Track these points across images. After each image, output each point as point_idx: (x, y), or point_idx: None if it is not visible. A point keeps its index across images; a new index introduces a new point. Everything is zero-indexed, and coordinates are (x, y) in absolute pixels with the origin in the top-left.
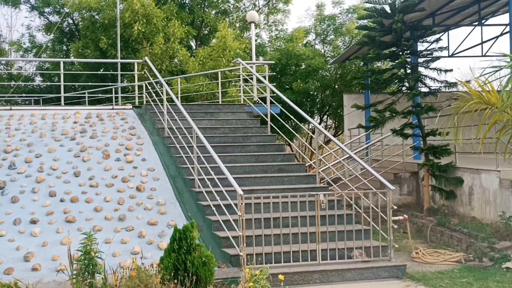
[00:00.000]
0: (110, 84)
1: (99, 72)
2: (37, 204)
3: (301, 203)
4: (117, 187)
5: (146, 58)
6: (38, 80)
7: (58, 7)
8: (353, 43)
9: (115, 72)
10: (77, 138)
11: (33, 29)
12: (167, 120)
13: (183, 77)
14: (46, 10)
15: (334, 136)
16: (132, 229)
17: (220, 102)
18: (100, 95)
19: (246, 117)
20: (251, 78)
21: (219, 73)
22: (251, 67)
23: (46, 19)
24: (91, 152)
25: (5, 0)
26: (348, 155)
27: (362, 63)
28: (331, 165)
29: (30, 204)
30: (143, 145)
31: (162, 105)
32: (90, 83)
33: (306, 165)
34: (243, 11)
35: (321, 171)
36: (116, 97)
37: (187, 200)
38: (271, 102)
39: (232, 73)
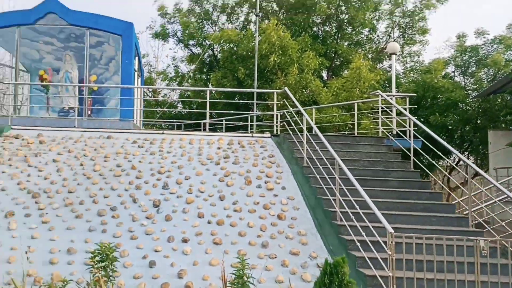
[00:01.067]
0: (246, 112)
1: (237, 101)
2: (188, 224)
3: (457, 247)
4: (259, 214)
5: (286, 88)
6: (180, 106)
7: (201, 39)
8: (500, 76)
9: (250, 101)
10: (221, 163)
11: (178, 60)
12: (306, 149)
13: (317, 108)
14: (190, 42)
15: (476, 175)
16: (275, 257)
17: (356, 134)
18: (235, 122)
19: (385, 150)
20: (391, 110)
21: (355, 104)
22: (391, 98)
23: (189, 51)
24: (234, 178)
25: (156, 35)
26: (505, 195)
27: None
28: (485, 206)
29: (182, 223)
30: (282, 174)
31: (301, 134)
32: (226, 111)
33: (453, 202)
34: (376, 42)
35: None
36: (251, 125)
37: (328, 232)
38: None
39: (371, 104)
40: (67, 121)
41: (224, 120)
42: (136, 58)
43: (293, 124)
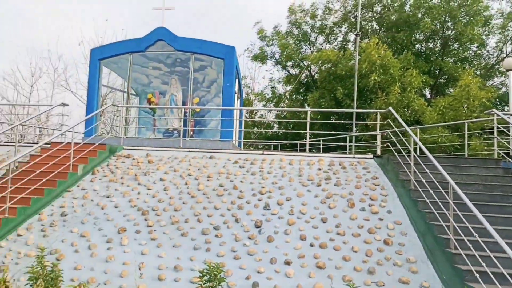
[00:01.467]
0: (344, 132)
1: (334, 121)
2: (290, 246)
3: None
4: (364, 238)
5: (391, 108)
6: (276, 127)
7: (299, 60)
8: None
9: (349, 121)
10: (322, 184)
11: (275, 81)
12: (414, 171)
13: (422, 128)
14: (288, 63)
15: None
16: (383, 285)
17: (466, 156)
18: (333, 143)
19: (502, 173)
20: (508, 130)
21: (466, 124)
22: (508, 117)
23: (287, 72)
24: (336, 200)
25: (255, 57)
26: None
27: None
28: None
29: (284, 245)
30: (387, 197)
31: (407, 155)
32: (323, 131)
33: None
34: (486, 58)
35: None
36: (350, 146)
37: (440, 260)
38: None
39: (484, 124)
40: (172, 141)
41: (321, 141)
42: (236, 80)
43: (398, 145)
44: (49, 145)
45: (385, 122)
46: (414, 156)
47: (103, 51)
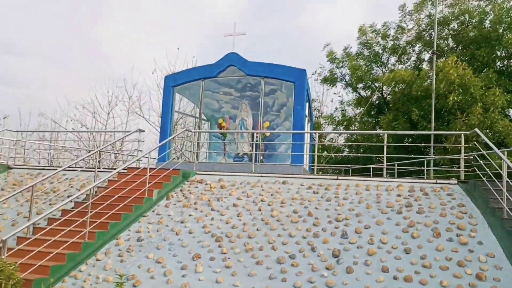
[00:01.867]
0: (424, 156)
1: (411, 144)
2: (371, 278)
3: None
4: (453, 271)
5: (477, 130)
6: (346, 151)
7: (370, 82)
8: None
9: (426, 144)
10: (403, 212)
11: (345, 103)
12: (507, 198)
13: (509, 150)
14: (359, 85)
15: None
16: None
17: None
18: (409, 167)
19: None
20: None
21: None
22: None
23: (357, 94)
24: (420, 229)
25: (325, 79)
26: None
27: None
28: None
29: (364, 277)
30: (477, 226)
31: (498, 181)
32: (397, 155)
33: None
34: None
35: None
36: (427, 170)
37: None
38: None
39: None
40: (242, 166)
41: (396, 164)
42: (307, 103)
43: (486, 169)
44: (125, 171)
45: (470, 145)
46: (507, 181)
47: (176, 78)
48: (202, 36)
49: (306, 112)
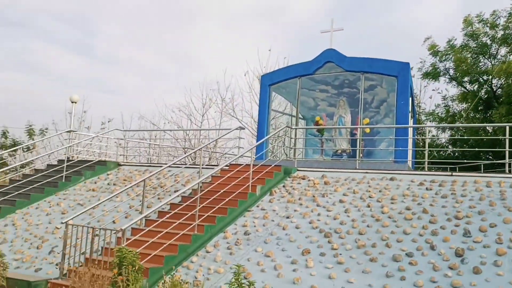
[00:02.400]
0: None
1: None
2: (504, 280)
3: None
4: None
5: None
6: (450, 147)
7: (477, 75)
8: None
9: None
10: None
11: (448, 99)
12: None
13: None
14: (465, 79)
15: None
16: None
17: None
18: None
19: None
20: None
21: None
22: None
23: (462, 88)
24: None
25: (426, 74)
26: None
27: None
28: None
29: (495, 278)
30: None
31: None
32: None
33: None
34: None
35: None
36: None
37: None
38: None
39: None
40: (341, 163)
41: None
42: (410, 98)
43: None
44: (227, 167)
45: None
46: None
47: (272, 77)
48: (292, 37)
49: (410, 108)
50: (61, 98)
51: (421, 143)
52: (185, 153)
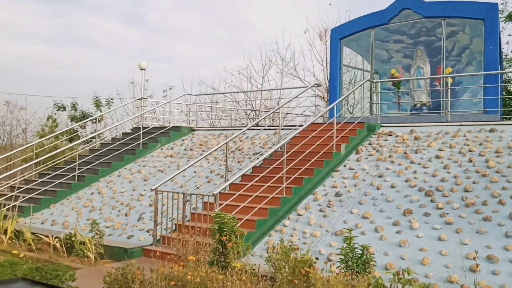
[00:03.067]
0: None
1: None
2: None
3: None
4: None
5: None
6: None
7: None
8: None
9: None
10: None
11: None
12: None
13: None
14: None
15: None
16: None
17: None
18: None
19: None
20: None
21: None
22: None
23: None
24: None
25: (509, 17)
26: None
27: None
28: None
29: None
30: None
31: None
32: None
33: None
34: None
35: None
36: None
37: None
38: None
39: None
40: (422, 117)
41: None
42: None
43: None
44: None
45: None
46: None
47: (343, 30)
48: None
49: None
50: (118, 69)
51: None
52: (257, 116)
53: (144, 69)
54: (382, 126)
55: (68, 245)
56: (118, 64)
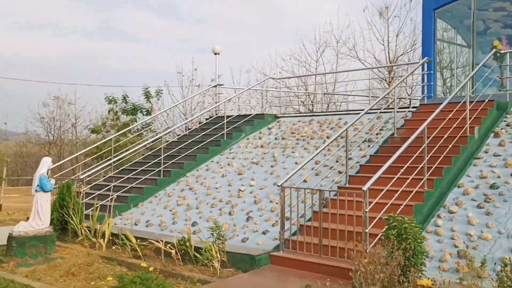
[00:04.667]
0: None
1: None
2: None
3: None
4: None
5: None
6: None
7: None
8: None
9: None
10: None
11: None
12: None
13: None
14: None
15: None
16: None
17: None
18: None
19: None
20: None
21: None
22: None
23: None
24: None
25: None
26: None
27: None
28: None
29: None
30: None
31: None
32: None
33: None
34: None
35: None
36: None
37: None
38: None
39: None
40: None
41: None
42: None
43: None
44: (416, 109)
45: None
46: None
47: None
48: None
49: None
50: (159, 60)
51: None
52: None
53: (218, 53)
54: None
55: (182, 251)
56: (159, 54)
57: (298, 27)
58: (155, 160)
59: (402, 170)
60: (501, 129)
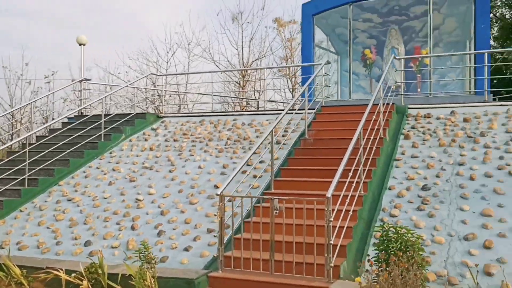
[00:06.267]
0: None
1: None
2: None
3: None
4: None
5: None
6: None
7: None
8: None
9: None
10: None
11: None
12: None
13: None
14: None
15: None
16: None
17: None
18: None
19: None
20: None
21: None
22: None
23: None
24: None
25: None
26: None
27: None
28: None
29: None
30: None
31: None
32: None
33: None
34: None
35: None
36: None
37: None
38: None
39: None
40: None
41: None
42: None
43: None
44: (315, 110)
45: None
46: None
47: (317, 5)
48: None
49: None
50: None
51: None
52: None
53: (84, 44)
54: (408, 108)
55: (94, 280)
56: None
57: (149, 26)
58: (19, 167)
59: (338, 174)
60: (409, 131)
